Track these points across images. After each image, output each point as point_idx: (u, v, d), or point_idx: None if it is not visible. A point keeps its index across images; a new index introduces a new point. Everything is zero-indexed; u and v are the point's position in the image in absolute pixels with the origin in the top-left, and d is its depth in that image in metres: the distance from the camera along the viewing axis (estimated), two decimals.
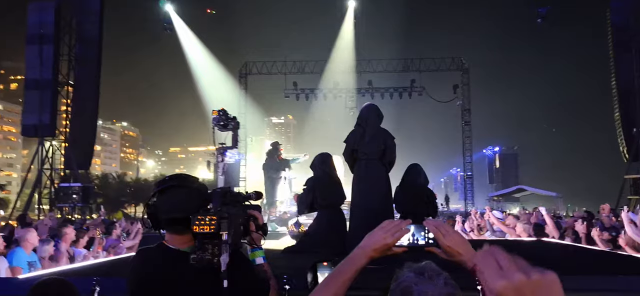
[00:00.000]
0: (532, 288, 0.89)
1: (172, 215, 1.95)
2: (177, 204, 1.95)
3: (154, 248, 2.02)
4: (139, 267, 2.00)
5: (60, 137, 21.11)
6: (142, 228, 8.36)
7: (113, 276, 3.71)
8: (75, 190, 18.64)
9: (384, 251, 1.48)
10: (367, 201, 6.19)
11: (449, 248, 1.45)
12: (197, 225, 1.76)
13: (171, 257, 1.95)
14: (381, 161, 6.35)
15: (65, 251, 6.14)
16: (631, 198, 18.82)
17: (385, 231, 1.49)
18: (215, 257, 1.75)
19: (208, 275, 1.78)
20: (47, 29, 19.54)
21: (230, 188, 2.02)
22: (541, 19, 21.16)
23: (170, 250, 1.97)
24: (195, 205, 1.91)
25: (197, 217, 1.77)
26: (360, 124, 6.54)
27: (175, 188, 2.00)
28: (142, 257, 2.05)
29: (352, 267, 1.47)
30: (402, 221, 1.52)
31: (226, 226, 1.77)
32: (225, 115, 7.90)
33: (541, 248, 7.12)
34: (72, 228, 6.59)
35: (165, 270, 1.93)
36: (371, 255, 1.47)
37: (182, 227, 1.92)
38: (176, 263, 1.90)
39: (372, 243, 1.48)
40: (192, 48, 27.23)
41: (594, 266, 5.23)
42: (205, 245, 1.76)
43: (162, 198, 1.99)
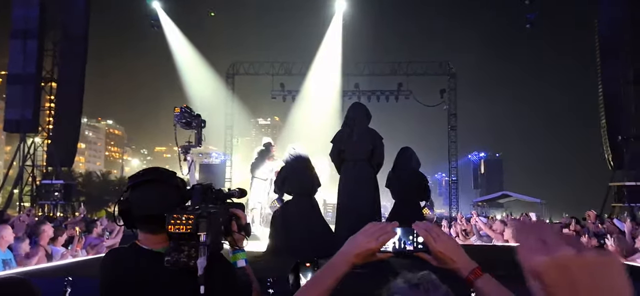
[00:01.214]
0: (583, 267, 0.69)
1: (146, 212, 1.80)
2: (151, 201, 1.80)
3: (126, 249, 1.87)
4: (110, 268, 1.85)
5: (43, 133, 20.77)
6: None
7: (88, 276, 3.56)
8: (57, 187, 18.34)
9: (368, 257, 1.35)
10: (354, 203, 6.06)
11: (440, 254, 1.33)
12: (173, 225, 1.61)
13: (144, 258, 1.80)
14: (369, 162, 6.22)
15: (42, 249, 5.96)
16: (615, 205, 18.92)
17: (368, 235, 1.36)
18: (191, 260, 1.60)
19: (184, 279, 1.64)
20: (31, 23, 19.22)
21: (211, 185, 1.88)
22: (530, 25, 21.24)
23: (143, 251, 1.82)
24: (172, 202, 1.76)
25: (173, 216, 1.62)
26: (348, 124, 6.42)
27: (150, 183, 1.85)
28: (113, 258, 1.89)
29: (333, 274, 1.34)
30: (387, 223, 1.39)
31: (205, 226, 1.62)
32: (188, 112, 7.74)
33: None
34: (50, 226, 6.41)
35: (138, 271, 1.77)
36: (353, 261, 1.34)
37: (157, 226, 1.76)
38: (149, 265, 1.75)
39: (354, 248, 1.35)
40: (180, 46, 26.94)
41: None
42: (181, 246, 1.61)
43: (136, 194, 1.84)
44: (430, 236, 1.35)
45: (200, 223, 1.61)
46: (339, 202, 6.32)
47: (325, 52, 25.84)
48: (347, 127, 6.42)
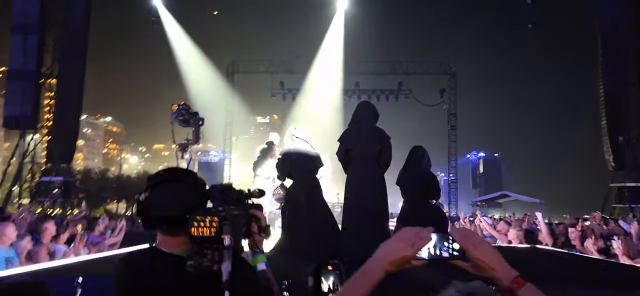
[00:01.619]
0: None
1: (166, 213, 1.74)
2: (171, 201, 1.74)
3: (144, 251, 1.80)
4: (127, 272, 1.78)
5: (42, 130, 20.68)
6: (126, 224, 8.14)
7: (97, 275, 3.50)
8: (56, 184, 18.26)
9: (402, 264, 1.30)
10: (362, 203, 5.95)
11: (480, 262, 1.27)
12: (196, 227, 1.55)
13: (163, 261, 1.73)
14: (377, 162, 6.13)
15: (44, 248, 5.90)
16: (616, 206, 18.91)
17: (403, 241, 1.30)
18: (215, 264, 1.54)
19: (206, 284, 1.57)
20: (31, 19, 19.12)
21: (231, 185, 1.82)
22: (532, 25, 21.23)
23: (163, 254, 1.76)
24: (193, 203, 1.70)
25: (196, 218, 1.56)
26: (355, 122, 6.31)
27: (170, 183, 1.79)
28: (130, 261, 1.82)
29: (367, 282, 1.29)
30: (422, 229, 1.33)
31: (229, 229, 1.56)
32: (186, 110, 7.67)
33: (542, 257, 7.03)
34: (52, 224, 6.34)
35: (157, 275, 1.71)
36: (387, 268, 1.29)
37: (177, 228, 1.71)
38: (169, 269, 1.69)
39: (388, 255, 1.30)
40: (180, 44, 26.84)
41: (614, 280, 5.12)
42: (204, 250, 1.55)
43: (155, 194, 1.78)
44: (469, 243, 1.29)
45: (224, 226, 1.55)
46: (346, 201, 6.19)
47: (326, 50, 25.78)
48: (354, 126, 6.31)
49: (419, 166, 6.74)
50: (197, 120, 7.83)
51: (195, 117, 7.75)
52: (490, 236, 8.86)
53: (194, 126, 7.81)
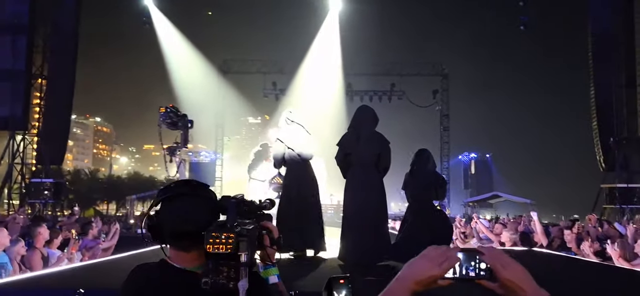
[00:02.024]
0: None
1: (180, 228, 1.68)
2: (185, 217, 1.68)
3: (154, 266, 1.73)
4: (137, 288, 1.71)
5: (32, 130, 20.49)
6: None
7: (98, 288, 3.42)
8: (47, 185, 18.10)
9: (429, 284, 1.24)
10: (361, 208, 5.91)
11: (509, 283, 1.21)
12: (211, 244, 1.49)
13: (176, 278, 1.67)
14: (376, 167, 6.09)
15: (38, 252, 5.81)
16: (606, 207, 19.06)
17: (430, 261, 1.25)
18: (231, 281, 1.48)
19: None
20: (21, 19, 18.95)
21: (243, 197, 1.77)
22: (523, 27, 21.35)
23: (175, 269, 1.69)
24: (207, 218, 1.64)
25: (212, 234, 1.50)
26: (354, 127, 6.26)
27: (183, 197, 1.73)
28: (140, 275, 1.75)
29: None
30: (449, 248, 1.28)
31: (245, 246, 1.51)
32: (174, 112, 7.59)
33: (540, 260, 7.02)
34: (45, 228, 6.23)
35: (169, 292, 1.65)
36: (413, 289, 1.23)
37: (190, 243, 1.66)
38: (182, 286, 1.63)
39: (414, 274, 1.24)
40: (170, 44, 26.66)
41: None
42: (219, 267, 1.49)
43: (168, 208, 1.72)
44: (498, 263, 1.24)
45: (240, 243, 1.50)
46: (346, 207, 6.14)
47: (319, 51, 25.74)
48: (354, 130, 6.26)
49: (424, 169, 6.72)
50: (185, 122, 7.74)
51: (183, 119, 7.66)
52: (487, 238, 8.85)
53: (182, 129, 7.72)
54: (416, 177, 6.67)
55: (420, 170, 6.69)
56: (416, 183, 6.65)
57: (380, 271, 5.42)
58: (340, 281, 1.76)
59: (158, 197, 1.75)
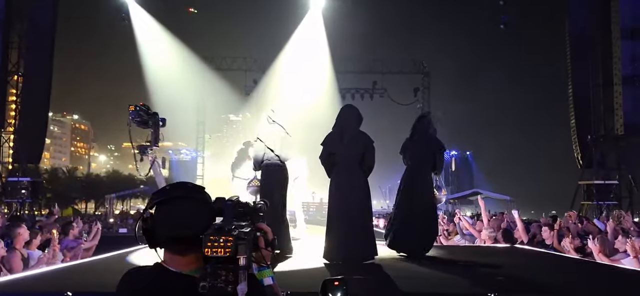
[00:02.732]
0: None
1: (177, 232, 1.65)
2: (182, 220, 1.65)
3: (149, 270, 1.70)
4: (132, 294, 1.68)
5: (8, 128, 20.12)
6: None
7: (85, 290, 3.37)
8: (24, 184, 17.80)
9: None
10: (346, 207, 5.96)
11: None
12: (210, 248, 1.47)
13: (173, 282, 1.64)
14: (360, 166, 6.13)
15: (17, 253, 5.70)
16: (584, 203, 19.38)
17: None
18: (229, 285, 1.46)
19: None
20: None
21: (238, 199, 1.75)
22: (503, 25, 21.60)
23: (171, 273, 1.66)
24: (203, 221, 1.62)
25: (210, 238, 1.48)
26: (339, 126, 6.29)
27: (178, 200, 1.70)
28: (135, 279, 1.72)
29: None
30: None
31: (244, 249, 1.50)
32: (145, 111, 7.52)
33: (523, 256, 7.11)
34: (25, 228, 6.12)
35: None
36: None
37: (186, 247, 1.64)
38: (179, 290, 1.61)
39: None
40: (149, 40, 26.32)
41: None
42: (218, 271, 1.47)
43: (163, 212, 1.69)
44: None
45: (239, 246, 1.48)
46: (330, 206, 6.17)
47: (301, 48, 25.66)
48: (338, 130, 6.30)
49: (425, 134, 6.79)
50: (156, 121, 7.66)
51: (154, 117, 7.58)
52: (470, 234, 8.93)
53: (152, 127, 7.65)
54: (416, 141, 6.74)
55: (420, 135, 6.77)
56: (415, 147, 6.74)
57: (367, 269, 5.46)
58: (335, 284, 1.77)
59: (153, 200, 1.72)
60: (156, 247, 1.70)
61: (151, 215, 1.69)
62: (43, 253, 6.10)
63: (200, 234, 1.51)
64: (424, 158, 6.69)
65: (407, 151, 6.86)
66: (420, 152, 6.71)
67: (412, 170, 6.73)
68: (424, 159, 6.69)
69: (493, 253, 7.27)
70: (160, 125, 7.68)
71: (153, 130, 7.55)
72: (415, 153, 6.74)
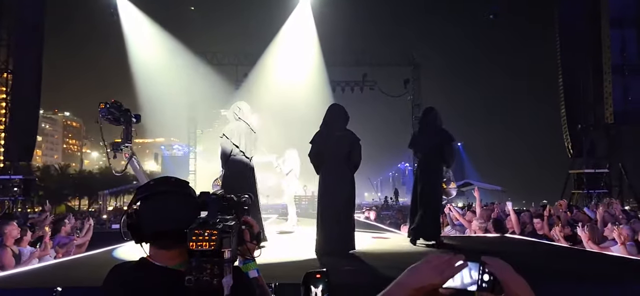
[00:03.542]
0: None
1: (162, 226, 1.67)
2: (166, 215, 1.68)
3: (135, 265, 1.72)
4: (118, 287, 1.69)
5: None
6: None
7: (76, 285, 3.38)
8: (15, 182, 17.69)
9: (429, 292, 1.23)
10: (334, 202, 6.25)
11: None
12: (194, 242, 1.48)
13: (158, 276, 1.66)
14: (346, 163, 6.38)
15: (8, 251, 5.71)
16: (575, 192, 19.49)
17: (432, 268, 1.23)
18: (214, 278, 1.47)
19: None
20: None
21: (223, 194, 1.77)
22: (493, 16, 21.66)
23: (157, 268, 1.68)
24: (187, 215, 1.63)
25: (195, 231, 1.49)
26: (326, 124, 6.54)
27: (162, 195, 1.72)
28: (121, 274, 1.73)
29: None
30: (452, 257, 1.26)
31: (229, 242, 1.51)
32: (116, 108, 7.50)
33: (514, 246, 7.18)
34: (15, 225, 6.12)
35: (152, 291, 1.64)
36: (413, 295, 1.23)
37: (171, 241, 1.66)
38: (165, 284, 1.62)
39: (415, 281, 1.23)
40: (140, 37, 26.13)
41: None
42: (203, 265, 1.48)
43: (148, 207, 1.71)
44: (505, 276, 1.24)
45: (224, 239, 1.50)
46: (319, 202, 6.48)
47: (291, 41, 25.59)
48: (325, 128, 6.55)
49: (433, 127, 7.05)
50: (128, 118, 7.67)
51: (126, 114, 7.59)
52: (460, 224, 8.99)
53: (124, 124, 7.66)
54: (425, 133, 6.96)
55: (429, 128, 7.04)
56: (424, 141, 7.04)
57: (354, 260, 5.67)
58: (317, 276, 1.79)
59: (137, 195, 1.74)
60: (141, 242, 1.73)
61: (136, 211, 1.72)
62: (35, 248, 6.11)
63: (184, 228, 1.52)
64: (433, 151, 6.95)
65: (417, 145, 7.18)
66: (430, 145, 6.96)
67: (423, 164, 7.02)
68: (433, 152, 6.95)
69: (483, 243, 7.39)
70: (134, 122, 7.69)
71: (125, 127, 7.55)
72: (425, 146, 7.02)
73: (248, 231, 1.81)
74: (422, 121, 7.29)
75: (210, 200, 1.71)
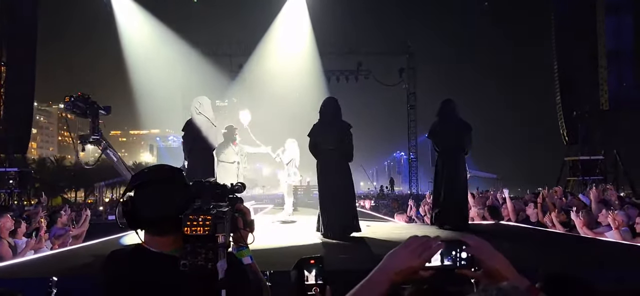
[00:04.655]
0: None
1: (154, 214, 1.69)
2: (159, 201, 1.70)
3: (131, 251, 1.75)
4: (115, 273, 1.71)
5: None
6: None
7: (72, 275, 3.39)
8: (11, 174, 17.64)
9: (409, 274, 1.25)
10: (333, 190, 6.75)
11: (495, 272, 1.24)
12: (189, 227, 1.51)
13: (154, 262, 1.68)
14: (342, 153, 6.85)
15: (4, 242, 5.70)
16: (570, 179, 19.54)
17: (410, 251, 1.25)
18: (209, 262, 1.50)
19: (199, 282, 1.54)
20: None
21: (216, 181, 1.79)
22: (487, 2, 21.66)
23: (152, 254, 1.70)
24: (181, 202, 1.65)
25: (189, 217, 1.52)
26: (322, 117, 7.03)
27: (156, 183, 1.74)
28: (117, 261, 1.76)
29: (372, 293, 1.24)
30: (430, 239, 1.28)
31: (223, 227, 1.53)
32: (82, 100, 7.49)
33: (509, 232, 7.24)
34: (9, 217, 6.10)
35: (149, 276, 1.66)
36: (394, 279, 1.24)
37: (165, 227, 1.68)
38: (161, 269, 1.64)
39: (395, 265, 1.25)
40: (134, 27, 25.99)
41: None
42: (197, 249, 1.51)
43: (142, 195, 1.72)
44: (482, 253, 1.27)
45: (218, 224, 1.52)
46: (320, 188, 6.95)
47: (285, 31, 25.49)
48: (320, 121, 7.04)
49: (453, 117, 7.46)
50: (95, 110, 7.67)
51: (92, 107, 7.59)
52: None
53: (90, 116, 7.65)
54: (446, 125, 7.44)
55: (449, 118, 7.47)
56: (446, 132, 7.45)
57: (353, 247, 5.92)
58: (311, 262, 1.80)
59: (131, 182, 1.75)
60: (137, 229, 1.74)
61: (131, 198, 1.73)
62: (31, 238, 6.11)
63: (179, 215, 1.55)
64: (455, 141, 7.39)
65: (438, 136, 7.58)
66: (451, 135, 7.39)
67: (445, 154, 7.46)
68: (456, 142, 7.40)
69: (479, 232, 7.40)
70: (104, 114, 7.69)
71: (91, 119, 7.54)
72: (446, 137, 7.45)
73: (241, 219, 1.82)
74: (441, 112, 7.61)
75: (204, 187, 1.72)
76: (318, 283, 1.76)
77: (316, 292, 1.72)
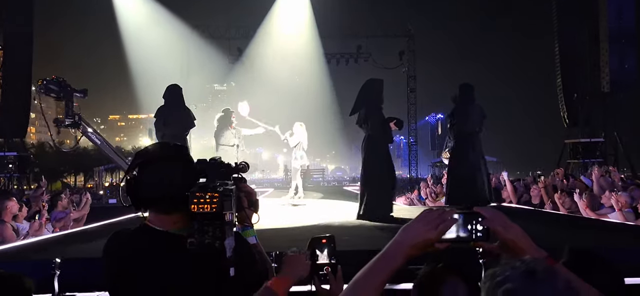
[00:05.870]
0: None
1: (159, 192, 1.65)
2: (165, 180, 1.66)
3: (135, 230, 1.71)
4: (119, 253, 1.67)
5: None
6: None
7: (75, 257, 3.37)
8: (10, 159, 17.62)
9: (425, 247, 1.23)
10: (375, 172, 7.08)
11: (511, 243, 1.22)
12: (196, 204, 1.47)
13: (160, 240, 1.64)
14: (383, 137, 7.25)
15: (8, 226, 5.69)
16: (570, 162, 19.52)
17: (426, 224, 1.23)
18: (216, 240, 1.47)
19: (206, 260, 1.51)
20: None
21: (221, 159, 1.75)
22: None
23: (157, 232, 1.66)
24: (187, 180, 1.61)
25: (196, 194, 1.48)
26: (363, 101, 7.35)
27: (161, 161, 1.70)
28: (121, 241, 1.71)
29: (387, 267, 1.23)
30: (446, 211, 1.26)
31: (230, 205, 1.50)
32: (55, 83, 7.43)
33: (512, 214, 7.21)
34: (15, 201, 6.10)
35: (154, 255, 1.62)
36: (409, 253, 1.22)
37: (170, 206, 1.64)
38: (167, 248, 1.61)
39: (410, 238, 1.23)
40: (132, 11, 25.83)
41: None
42: (205, 227, 1.47)
43: (146, 173, 1.69)
44: (498, 225, 1.25)
45: (225, 202, 1.48)
46: (364, 172, 7.22)
47: (284, 14, 25.35)
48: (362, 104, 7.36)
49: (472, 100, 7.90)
50: (68, 93, 7.61)
51: (66, 90, 7.53)
52: None
53: (64, 99, 7.60)
54: (466, 107, 7.79)
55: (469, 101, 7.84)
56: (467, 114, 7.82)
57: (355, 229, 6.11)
58: (322, 241, 1.80)
59: (135, 160, 1.72)
60: (141, 208, 1.70)
61: (135, 177, 1.69)
62: (33, 220, 6.11)
63: (184, 193, 1.51)
64: (474, 124, 7.79)
65: (459, 117, 7.91)
66: (471, 117, 7.77)
67: (463, 135, 7.83)
68: (474, 124, 7.79)
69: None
70: (80, 97, 7.63)
71: (66, 103, 7.49)
72: (467, 119, 7.80)
73: (246, 199, 1.80)
74: (464, 96, 7.95)
75: (209, 165, 1.69)
76: (331, 263, 1.75)
77: (327, 271, 1.71)
